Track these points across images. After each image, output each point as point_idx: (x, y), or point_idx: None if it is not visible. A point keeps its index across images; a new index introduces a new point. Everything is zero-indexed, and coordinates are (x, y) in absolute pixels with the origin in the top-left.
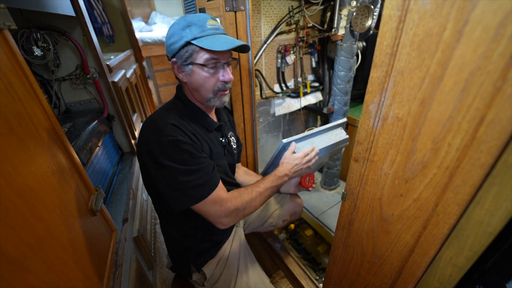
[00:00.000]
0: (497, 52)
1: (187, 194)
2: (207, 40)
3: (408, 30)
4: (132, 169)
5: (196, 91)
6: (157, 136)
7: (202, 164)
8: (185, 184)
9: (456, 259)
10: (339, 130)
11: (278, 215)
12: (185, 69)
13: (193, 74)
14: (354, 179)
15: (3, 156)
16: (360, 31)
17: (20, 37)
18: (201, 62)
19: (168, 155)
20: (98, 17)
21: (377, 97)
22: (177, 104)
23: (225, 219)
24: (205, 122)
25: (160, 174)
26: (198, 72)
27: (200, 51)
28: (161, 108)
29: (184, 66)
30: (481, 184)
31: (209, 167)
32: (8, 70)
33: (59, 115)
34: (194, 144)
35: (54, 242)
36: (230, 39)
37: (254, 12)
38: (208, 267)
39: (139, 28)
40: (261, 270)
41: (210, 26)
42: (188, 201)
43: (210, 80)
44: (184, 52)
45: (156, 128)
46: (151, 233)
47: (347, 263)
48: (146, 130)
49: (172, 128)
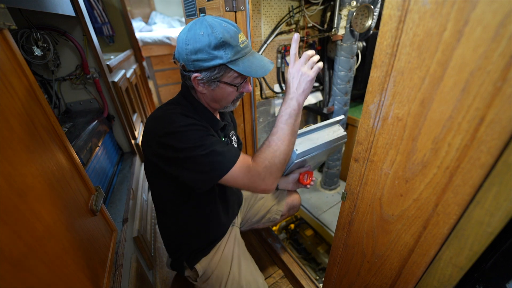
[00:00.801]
0: (497, 52)
1: (214, 164)
2: (243, 64)
3: (408, 30)
4: (132, 169)
5: (215, 102)
6: (168, 126)
7: (216, 140)
8: (209, 155)
9: (456, 259)
10: (336, 127)
11: (275, 210)
12: (211, 84)
13: (217, 89)
14: (354, 179)
15: (3, 156)
16: (360, 31)
17: (20, 37)
18: (230, 81)
19: (183, 138)
20: (98, 17)
21: (377, 97)
22: (183, 102)
23: (263, 182)
24: (211, 121)
25: (180, 159)
26: (224, 88)
27: (230, 71)
28: (167, 104)
29: (211, 82)
30: (481, 184)
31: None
32: (8, 70)
33: (59, 115)
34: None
35: (54, 242)
36: (263, 62)
37: (254, 12)
38: (201, 264)
39: (139, 28)
40: (256, 270)
41: (242, 44)
42: (220, 171)
43: (233, 94)
44: (215, 72)
45: (165, 120)
46: (151, 233)
47: (347, 263)
48: (155, 124)
49: (183, 117)
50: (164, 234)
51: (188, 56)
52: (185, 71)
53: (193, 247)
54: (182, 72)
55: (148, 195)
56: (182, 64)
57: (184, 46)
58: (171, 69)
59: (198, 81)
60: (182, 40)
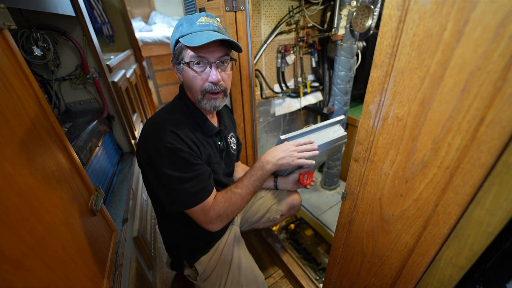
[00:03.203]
0: (497, 52)
1: (180, 200)
2: (191, 37)
3: (408, 30)
4: (132, 169)
5: (189, 91)
6: (156, 142)
7: (198, 171)
8: (179, 191)
9: (456, 259)
10: (337, 127)
11: (275, 209)
12: (179, 68)
13: (184, 73)
14: (354, 179)
15: (3, 156)
16: (360, 31)
17: (20, 37)
18: (187, 60)
19: (165, 162)
20: (98, 17)
21: (377, 97)
22: (179, 105)
23: (211, 225)
24: (204, 126)
25: (156, 179)
26: (186, 71)
27: (187, 49)
28: (163, 111)
29: (177, 65)
30: (481, 184)
31: (205, 174)
32: (8, 70)
33: (59, 115)
34: (191, 152)
35: (54, 242)
36: (213, 34)
37: (254, 12)
38: (200, 263)
39: (139, 28)
40: (256, 268)
41: (199, 23)
42: (180, 206)
43: (197, 80)
44: (176, 50)
45: (155, 133)
46: (151, 233)
47: (347, 263)
48: (146, 134)
49: (171, 135)
50: (163, 234)
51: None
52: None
53: (192, 246)
54: None
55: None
56: None
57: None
58: (171, 69)
59: (173, 65)
60: None
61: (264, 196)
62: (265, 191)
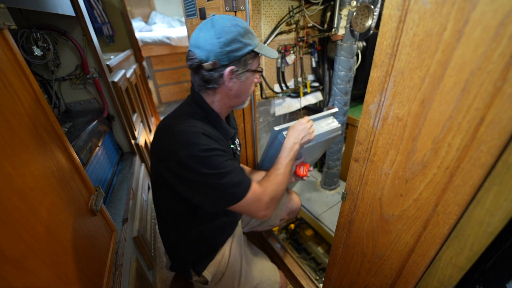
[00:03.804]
0: (497, 52)
1: (229, 194)
2: (263, 48)
3: (408, 30)
4: (132, 169)
5: (237, 98)
6: (191, 148)
7: (234, 164)
8: (224, 185)
9: (456, 259)
10: (331, 119)
11: (275, 215)
12: (241, 76)
13: (246, 81)
14: (354, 179)
15: (3, 156)
16: (360, 31)
17: (20, 37)
18: (255, 68)
19: (205, 163)
20: (98, 17)
21: (377, 97)
22: (196, 110)
23: (265, 211)
24: (222, 130)
25: (197, 183)
26: (249, 78)
27: (255, 58)
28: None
29: (242, 73)
30: (481, 184)
31: (239, 168)
32: (8, 70)
33: (59, 115)
34: (224, 149)
35: (54, 242)
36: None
37: (254, 12)
38: (209, 270)
39: (139, 28)
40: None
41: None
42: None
43: (252, 86)
44: (247, 60)
45: (187, 140)
46: (151, 233)
47: (347, 263)
48: (174, 141)
49: (204, 138)
50: (165, 241)
51: (222, 49)
52: (214, 69)
53: (197, 255)
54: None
55: (148, 195)
56: (213, 62)
57: (216, 40)
58: (171, 69)
59: (232, 74)
60: (210, 37)
61: None
62: None
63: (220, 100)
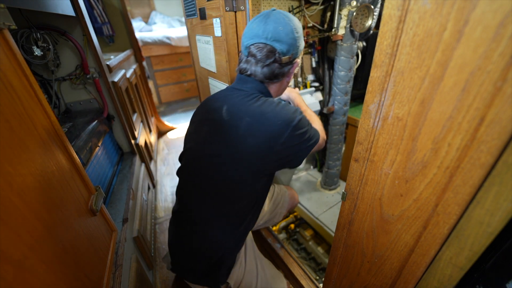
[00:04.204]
0: (497, 52)
1: (315, 139)
2: None
3: (408, 30)
4: (132, 169)
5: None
6: (292, 117)
7: None
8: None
9: (456, 259)
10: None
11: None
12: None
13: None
14: (354, 179)
15: (3, 156)
16: (360, 31)
17: (20, 37)
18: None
19: (304, 129)
20: (98, 17)
21: (377, 97)
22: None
23: (325, 137)
24: None
25: (302, 142)
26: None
27: None
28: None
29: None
30: (481, 184)
31: None
32: (8, 70)
33: (59, 115)
34: None
35: (54, 242)
36: None
37: (254, 12)
38: (232, 277)
39: (139, 28)
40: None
41: None
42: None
43: None
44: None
45: (285, 118)
46: (151, 233)
47: (347, 263)
48: (277, 121)
49: (290, 106)
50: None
51: (298, 43)
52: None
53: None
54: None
55: (148, 195)
56: (290, 55)
57: (295, 35)
58: (171, 69)
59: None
60: (290, 31)
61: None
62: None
63: (276, 92)
